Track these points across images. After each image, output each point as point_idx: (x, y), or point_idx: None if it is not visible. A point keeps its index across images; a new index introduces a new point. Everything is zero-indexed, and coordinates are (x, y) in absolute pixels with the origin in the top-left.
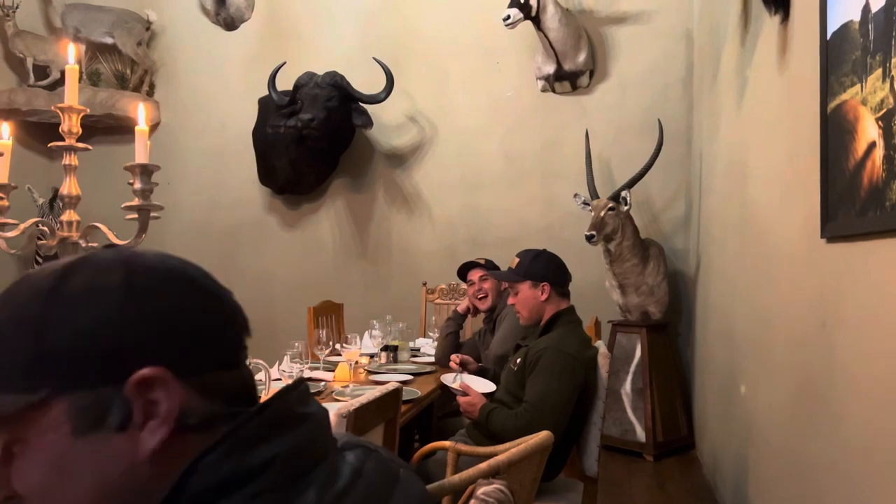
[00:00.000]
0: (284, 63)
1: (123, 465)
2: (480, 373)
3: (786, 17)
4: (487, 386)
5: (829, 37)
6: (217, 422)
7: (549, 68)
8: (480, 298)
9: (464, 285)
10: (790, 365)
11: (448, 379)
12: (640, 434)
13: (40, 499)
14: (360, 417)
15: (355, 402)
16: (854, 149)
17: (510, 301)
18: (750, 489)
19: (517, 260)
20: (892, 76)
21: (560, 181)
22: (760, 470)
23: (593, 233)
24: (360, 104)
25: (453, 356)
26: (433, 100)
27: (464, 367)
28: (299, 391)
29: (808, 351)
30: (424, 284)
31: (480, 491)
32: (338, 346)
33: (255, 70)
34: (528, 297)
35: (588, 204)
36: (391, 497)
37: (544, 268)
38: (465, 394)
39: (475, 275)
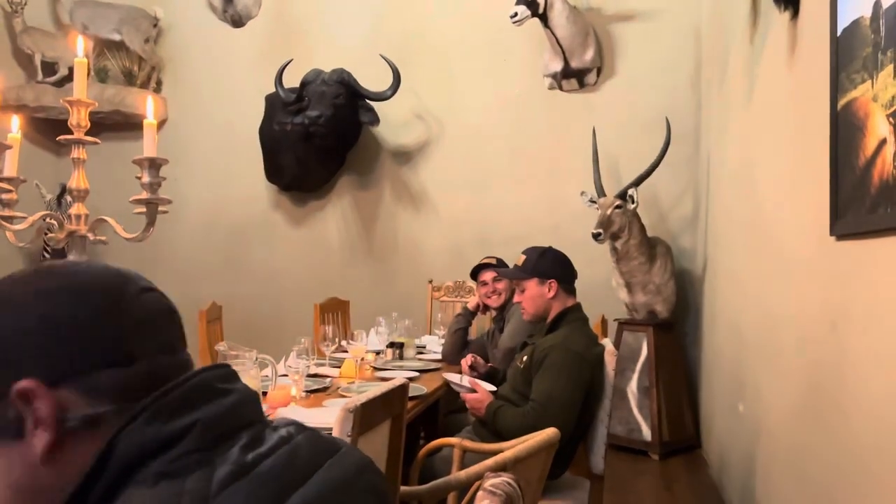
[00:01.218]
0: (291, 60)
1: (27, 470)
2: (491, 374)
3: (795, 13)
4: (489, 387)
5: (839, 33)
6: (104, 421)
7: (557, 66)
8: (491, 298)
9: (470, 283)
10: (799, 364)
11: (454, 378)
12: (646, 433)
13: None
14: (367, 412)
15: (362, 397)
16: (864, 146)
17: (516, 299)
18: (757, 489)
19: (524, 257)
20: None
21: (567, 179)
22: (768, 470)
23: (600, 231)
24: (367, 101)
25: (466, 357)
26: (440, 97)
27: (474, 369)
28: (222, 371)
29: (817, 350)
30: (430, 282)
31: (489, 483)
32: (344, 342)
33: (262, 67)
34: (535, 295)
35: (595, 202)
36: (323, 463)
37: (551, 265)
38: (471, 391)
39: (488, 276)
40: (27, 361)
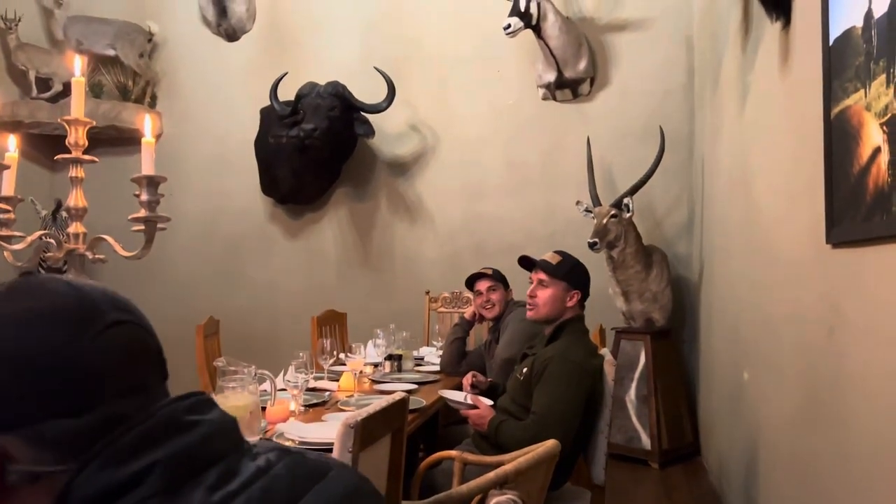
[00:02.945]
0: (286, 73)
1: None
2: (491, 389)
3: (787, 23)
4: (488, 401)
5: (831, 42)
6: (48, 476)
7: (550, 76)
8: (487, 308)
9: (467, 293)
10: (797, 370)
11: (452, 395)
12: (646, 441)
13: None
14: (368, 427)
15: (363, 413)
16: (859, 154)
17: (531, 292)
18: (758, 496)
19: (559, 258)
20: None
21: (562, 188)
22: (768, 477)
23: (596, 240)
24: (362, 114)
25: (467, 375)
26: (434, 109)
27: (476, 387)
28: (191, 401)
29: (815, 357)
30: (427, 293)
31: (493, 501)
32: (342, 355)
33: (257, 80)
34: (557, 297)
35: (590, 211)
36: (308, 492)
37: (582, 278)
38: (470, 406)
39: (483, 285)
40: None
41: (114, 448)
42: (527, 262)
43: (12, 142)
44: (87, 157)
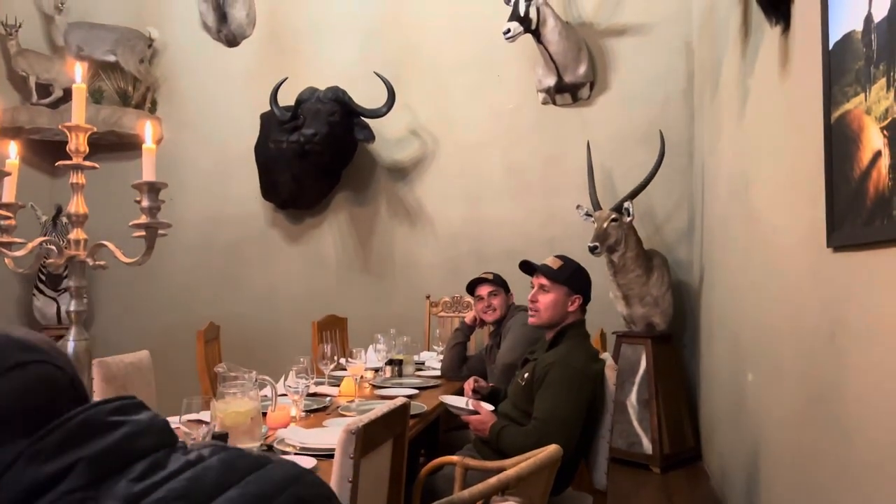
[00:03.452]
0: (286, 78)
1: None
2: (493, 394)
3: (786, 27)
4: (489, 406)
5: (831, 46)
6: None
7: (550, 81)
8: (488, 313)
9: (468, 297)
10: (799, 375)
11: (452, 400)
12: (647, 446)
13: None
14: (369, 433)
15: (364, 419)
16: (859, 158)
17: (532, 297)
18: (759, 501)
19: (560, 263)
20: None
21: (562, 193)
22: (769, 482)
23: (596, 244)
24: (362, 119)
25: (470, 380)
26: (434, 113)
27: (477, 392)
28: (115, 404)
29: (816, 361)
30: (428, 297)
31: None
32: (342, 360)
33: (257, 86)
34: (558, 302)
35: (591, 215)
36: (239, 481)
37: (584, 282)
38: (471, 412)
39: (484, 290)
40: None
41: (37, 448)
42: (528, 267)
43: (13, 148)
44: (87, 163)
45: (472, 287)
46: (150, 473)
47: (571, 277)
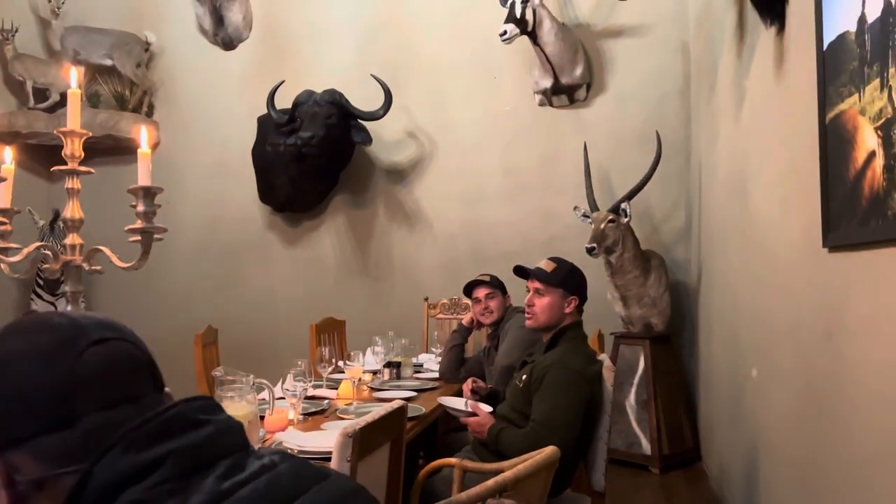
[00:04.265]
0: (283, 81)
1: None
2: (492, 395)
3: (781, 28)
4: (487, 408)
5: (825, 47)
6: (52, 483)
7: (547, 82)
8: (485, 315)
9: (466, 300)
10: (796, 375)
11: (451, 402)
12: (646, 446)
13: None
14: (366, 437)
15: (361, 422)
16: (854, 158)
17: (528, 301)
18: (759, 501)
19: (554, 265)
20: (891, 86)
21: (560, 194)
22: (769, 482)
23: (594, 245)
24: (360, 121)
25: (467, 381)
26: (432, 115)
27: (476, 393)
28: (201, 403)
29: (813, 360)
30: (426, 300)
31: None
32: (340, 363)
33: (254, 89)
34: (554, 304)
35: (588, 216)
36: (308, 490)
37: (579, 283)
38: (470, 414)
39: (481, 292)
40: None
41: (131, 438)
42: (522, 271)
43: (8, 154)
44: (83, 168)
45: (469, 289)
46: (233, 473)
47: (566, 279)
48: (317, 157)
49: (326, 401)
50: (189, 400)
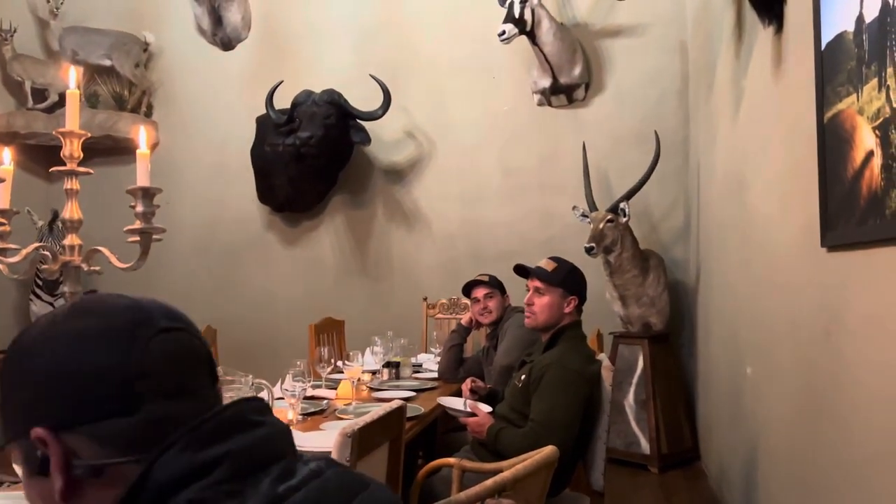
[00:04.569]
0: (282, 82)
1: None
2: (491, 396)
3: (779, 28)
4: (486, 408)
5: (823, 47)
6: (110, 470)
7: (545, 82)
8: (484, 315)
9: (465, 299)
10: (795, 374)
11: (450, 402)
12: (645, 446)
13: None
14: (365, 436)
15: (359, 422)
16: (852, 158)
17: (528, 300)
18: (758, 501)
19: (554, 265)
20: (888, 86)
21: (558, 194)
22: (768, 481)
23: (593, 245)
24: (358, 121)
25: (466, 381)
26: (430, 115)
27: (475, 392)
28: (255, 404)
29: (812, 360)
30: (425, 299)
31: None
32: (339, 363)
33: (253, 89)
34: (554, 304)
35: (587, 216)
36: (354, 498)
37: (579, 283)
38: (469, 414)
39: (480, 292)
40: (38, 408)
41: (190, 437)
42: (522, 270)
43: (7, 154)
44: (82, 168)
45: (467, 289)
46: (286, 477)
47: (566, 279)
48: (315, 157)
49: (325, 401)
50: (245, 400)
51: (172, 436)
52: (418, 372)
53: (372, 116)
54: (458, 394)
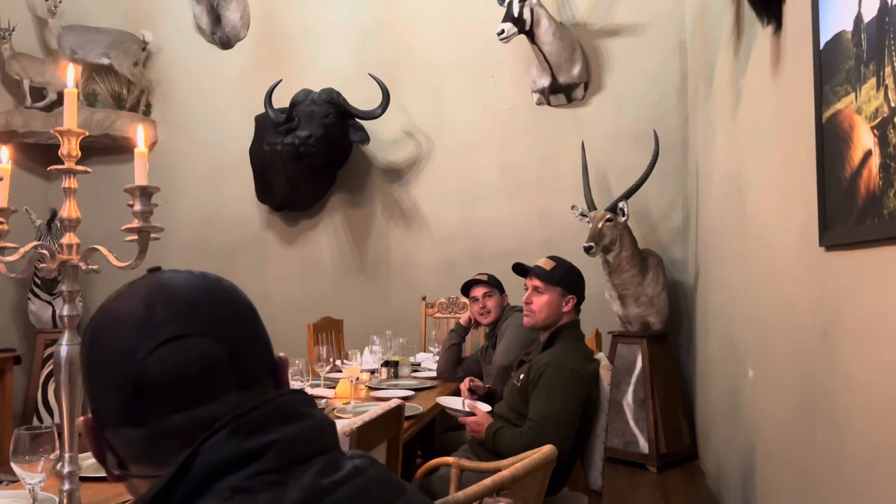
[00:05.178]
0: (280, 81)
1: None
2: (489, 395)
3: (778, 27)
4: (485, 407)
5: (821, 46)
6: (131, 473)
7: (544, 81)
8: (483, 314)
9: (463, 299)
10: (792, 373)
11: (449, 402)
12: (643, 445)
13: None
14: (364, 435)
15: (358, 420)
16: (850, 157)
17: (526, 299)
18: (755, 500)
19: (553, 264)
20: (887, 85)
21: (557, 193)
22: (765, 480)
23: (591, 244)
24: (357, 120)
25: (466, 380)
26: (429, 115)
27: (473, 392)
28: (303, 396)
29: (810, 359)
30: (424, 299)
31: None
32: (338, 362)
33: (252, 88)
34: (552, 303)
35: (586, 215)
36: (396, 499)
37: (577, 282)
38: (468, 414)
39: (478, 291)
40: (87, 400)
41: (239, 423)
42: (521, 269)
43: (5, 153)
44: (79, 167)
45: (466, 288)
46: (330, 471)
47: (564, 278)
48: (314, 156)
49: (324, 400)
50: (292, 392)
51: (217, 423)
52: (417, 371)
53: (371, 115)
54: (457, 393)
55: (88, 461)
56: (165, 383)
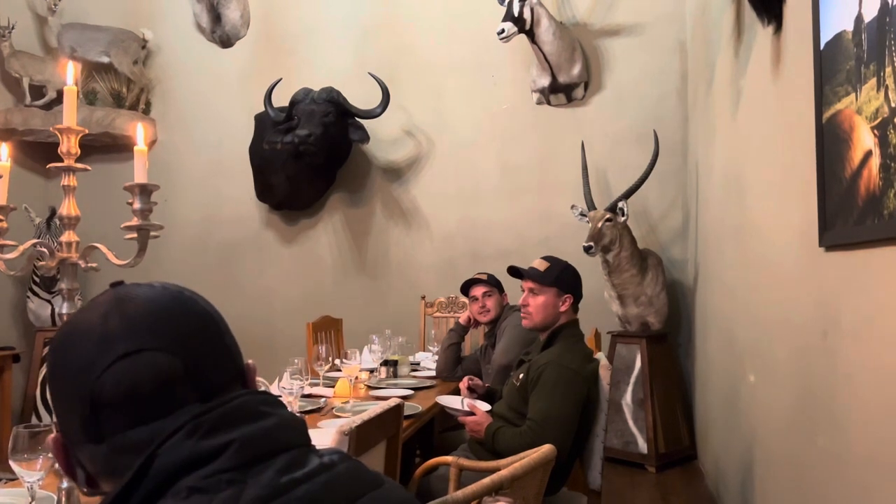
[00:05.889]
0: (280, 79)
1: None
2: (489, 394)
3: (778, 27)
4: (485, 406)
5: (822, 47)
6: (99, 485)
7: (544, 81)
8: (482, 314)
9: (463, 298)
10: (792, 374)
11: (449, 401)
12: (642, 445)
13: None
14: (362, 434)
15: (357, 420)
16: (850, 157)
17: (523, 301)
18: (754, 500)
19: (547, 264)
20: (887, 85)
21: (557, 193)
22: (764, 480)
23: (591, 244)
24: (357, 119)
25: (465, 378)
26: (429, 114)
27: (473, 391)
28: (264, 396)
29: (809, 360)
30: (423, 298)
31: None
32: (337, 361)
33: (252, 87)
34: (549, 303)
35: (585, 215)
36: (363, 495)
37: (572, 281)
38: (467, 413)
39: (478, 291)
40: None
41: (196, 423)
42: (516, 272)
43: (4, 150)
44: (79, 165)
45: (466, 288)
46: (292, 468)
47: (559, 278)
48: (314, 155)
49: (323, 399)
50: (254, 392)
51: (178, 420)
52: (416, 370)
53: (370, 115)
54: (456, 392)
55: None
56: (121, 399)
